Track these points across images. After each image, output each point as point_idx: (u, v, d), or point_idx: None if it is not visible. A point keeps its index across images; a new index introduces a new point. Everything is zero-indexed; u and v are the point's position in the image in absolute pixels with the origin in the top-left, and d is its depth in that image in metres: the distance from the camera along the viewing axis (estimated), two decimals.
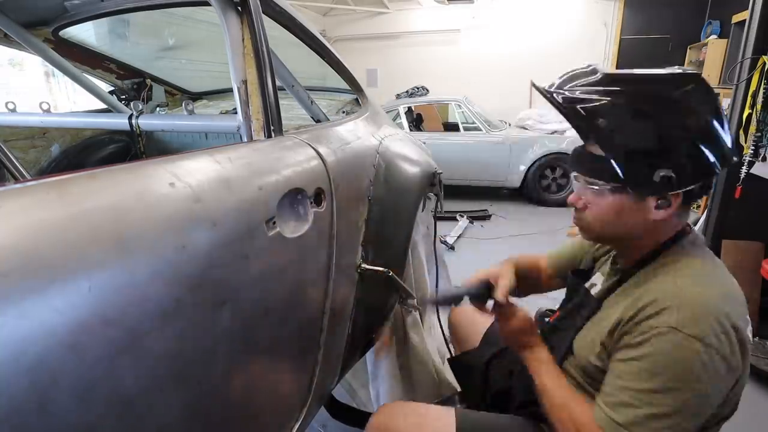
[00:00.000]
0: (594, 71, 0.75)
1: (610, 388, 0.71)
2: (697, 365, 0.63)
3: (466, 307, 1.35)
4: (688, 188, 0.69)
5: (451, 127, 5.32)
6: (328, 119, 1.28)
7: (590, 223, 0.79)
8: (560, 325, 0.91)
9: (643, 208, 0.72)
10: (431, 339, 1.52)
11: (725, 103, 4.35)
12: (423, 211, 1.41)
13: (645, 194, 0.71)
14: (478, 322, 1.23)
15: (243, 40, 0.85)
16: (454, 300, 1.00)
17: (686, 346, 0.63)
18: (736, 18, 4.68)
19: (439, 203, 1.45)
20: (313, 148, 0.92)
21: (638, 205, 0.72)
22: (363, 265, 1.05)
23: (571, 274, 0.95)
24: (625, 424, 0.66)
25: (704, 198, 4.09)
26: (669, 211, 0.71)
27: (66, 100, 4.89)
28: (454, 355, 1.29)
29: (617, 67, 6.52)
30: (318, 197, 0.87)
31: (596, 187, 0.74)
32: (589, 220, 0.78)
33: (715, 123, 0.69)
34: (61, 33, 1.47)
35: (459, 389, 1.30)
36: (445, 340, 1.36)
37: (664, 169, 0.67)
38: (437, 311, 1.38)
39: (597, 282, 0.87)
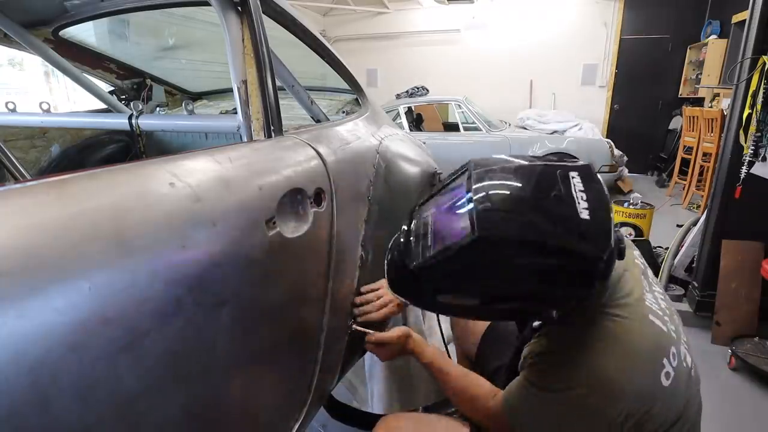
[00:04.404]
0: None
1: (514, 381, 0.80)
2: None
3: None
4: (571, 304, 0.67)
5: (451, 127, 5.32)
6: (328, 119, 1.27)
7: None
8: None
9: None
10: (432, 339, 1.52)
11: (725, 103, 4.34)
12: None
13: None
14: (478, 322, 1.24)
15: (243, 40, 0.85)
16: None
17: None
18: (736, 18, 4.69)
19: None
20: (313, 148, 0.92)
21: None
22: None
23: None
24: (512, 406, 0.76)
25: (704, 198, 4.13)
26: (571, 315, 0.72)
27: (66, 100, 4.89)
28: (450, 355, 1.29)
29: (617, 67, 6.53)
30: (318, 197, 0.87)
31: None
32: None
33: (537, 261, 0.61)
34: (61, 33, 1.47)
35: None
36: (444, 341, 1.35)
37: (543, 312, 0.69)
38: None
39: None
